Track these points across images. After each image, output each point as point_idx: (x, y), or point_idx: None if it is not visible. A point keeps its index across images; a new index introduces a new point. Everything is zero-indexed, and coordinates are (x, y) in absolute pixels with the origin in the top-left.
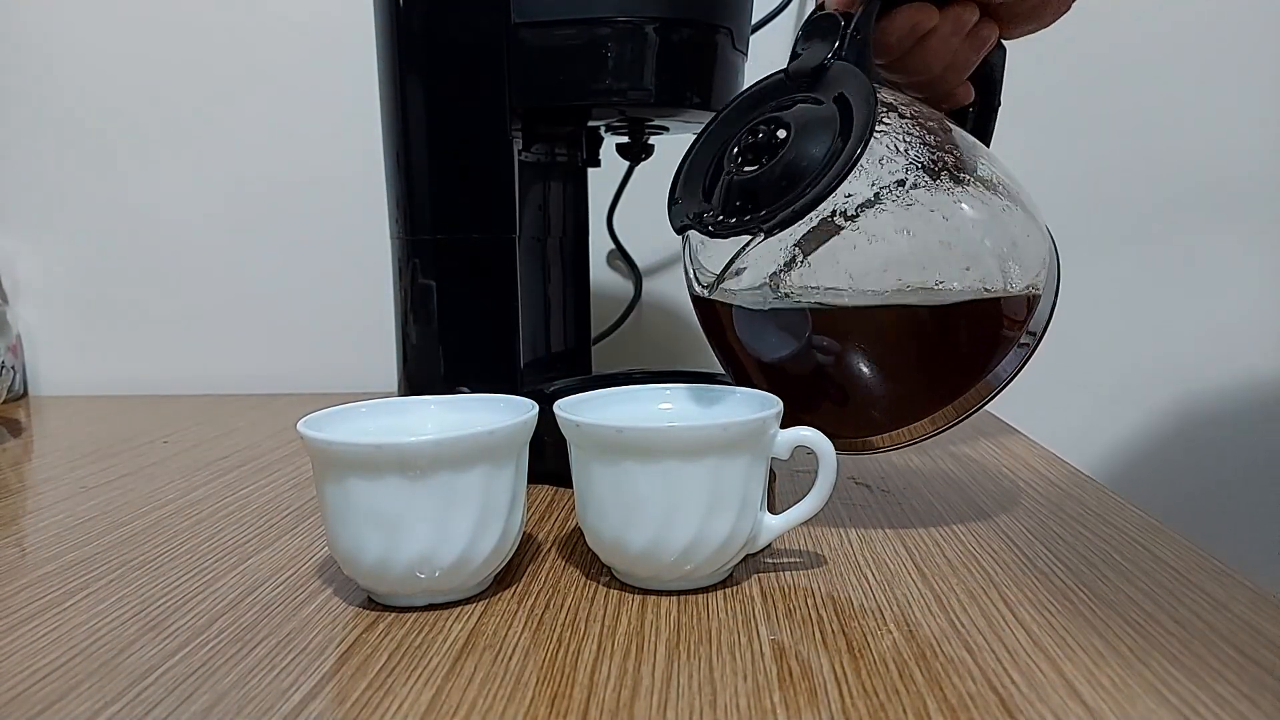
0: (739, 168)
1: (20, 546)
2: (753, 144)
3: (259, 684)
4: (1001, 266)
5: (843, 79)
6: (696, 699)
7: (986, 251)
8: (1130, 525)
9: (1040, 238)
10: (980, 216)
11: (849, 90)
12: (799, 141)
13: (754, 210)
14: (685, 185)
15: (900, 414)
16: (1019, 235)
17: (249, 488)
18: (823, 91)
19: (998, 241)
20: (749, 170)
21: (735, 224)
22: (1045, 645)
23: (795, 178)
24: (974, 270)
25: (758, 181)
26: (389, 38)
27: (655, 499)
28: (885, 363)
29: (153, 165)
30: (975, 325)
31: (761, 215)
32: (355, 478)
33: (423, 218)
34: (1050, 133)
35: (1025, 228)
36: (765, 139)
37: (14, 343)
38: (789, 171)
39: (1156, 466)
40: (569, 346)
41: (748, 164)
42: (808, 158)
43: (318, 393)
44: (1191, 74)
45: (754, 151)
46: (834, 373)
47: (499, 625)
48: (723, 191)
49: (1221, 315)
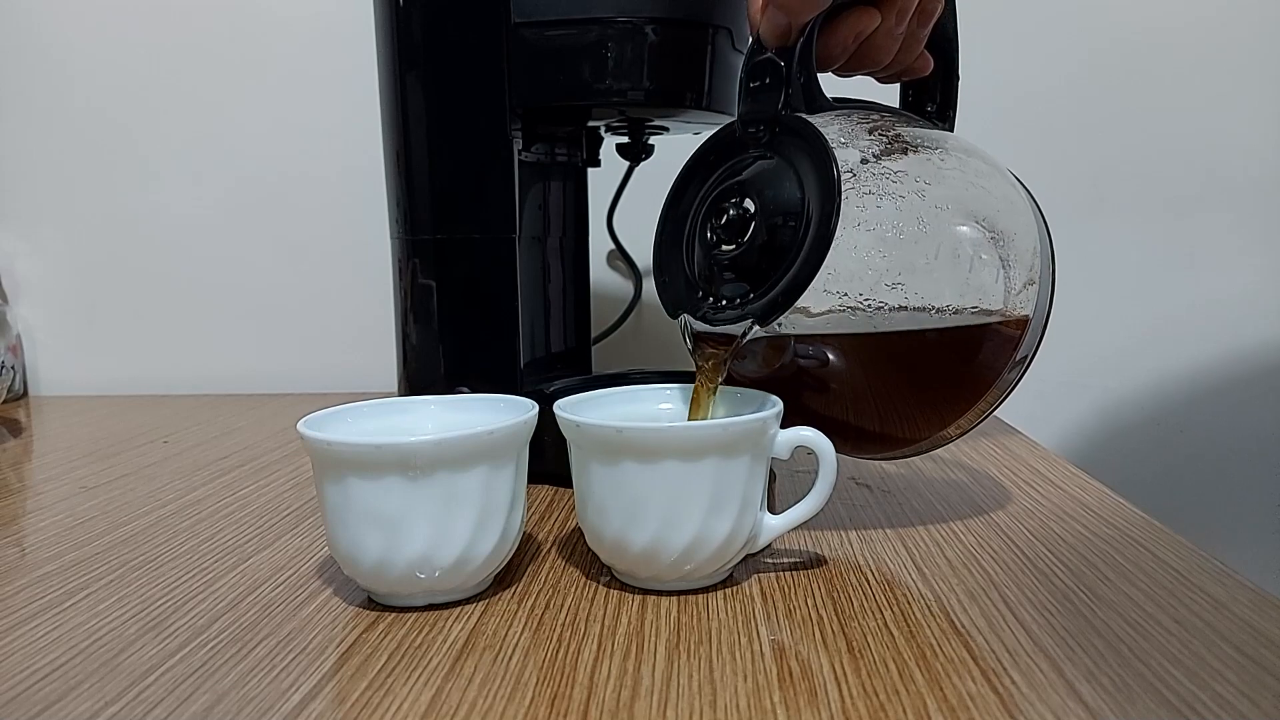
0: (717, 245)
1: (20, 546)
2: (725, 223)
3: (259, 684)
4: (995, 265)
5: (795, 135)
6: (696, 699)
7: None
8: (1130, 525)
9: (1028, 226)
10: (953, 193)
11: (805, 151)
12: (767, 215)
13: (741, 292)
14: (668, 256)
15: (912, 429)
16: (1006, 227)
17: (249, 488)
18: (779, 146)
19: (980, 225)
20: (728, 250)
21: (728, 313)
22: (1045, 645)
23: (774, 257)
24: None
25: (739, 263)
26: (389, 37)
27: (655, 499)
28: (887, 391)
29: (153, 165)
30: (970, 349)
31: (753, 307)
32: (355, 478)
33: (423, 217)
34: (1049, 130)
35: (1011, 222)
36: (737, 215)
37: (14, 343)
38: (766, 251)
39: (1156, 464)
40: (569, 346)
41: (724, 242)
42: (781, 232)
43: (318, 393)
44: (1191, 71)
45: (727, 230)
46: (821, 403)
47: (499, 625)
48: (705, 272)
49: (1223, 317)
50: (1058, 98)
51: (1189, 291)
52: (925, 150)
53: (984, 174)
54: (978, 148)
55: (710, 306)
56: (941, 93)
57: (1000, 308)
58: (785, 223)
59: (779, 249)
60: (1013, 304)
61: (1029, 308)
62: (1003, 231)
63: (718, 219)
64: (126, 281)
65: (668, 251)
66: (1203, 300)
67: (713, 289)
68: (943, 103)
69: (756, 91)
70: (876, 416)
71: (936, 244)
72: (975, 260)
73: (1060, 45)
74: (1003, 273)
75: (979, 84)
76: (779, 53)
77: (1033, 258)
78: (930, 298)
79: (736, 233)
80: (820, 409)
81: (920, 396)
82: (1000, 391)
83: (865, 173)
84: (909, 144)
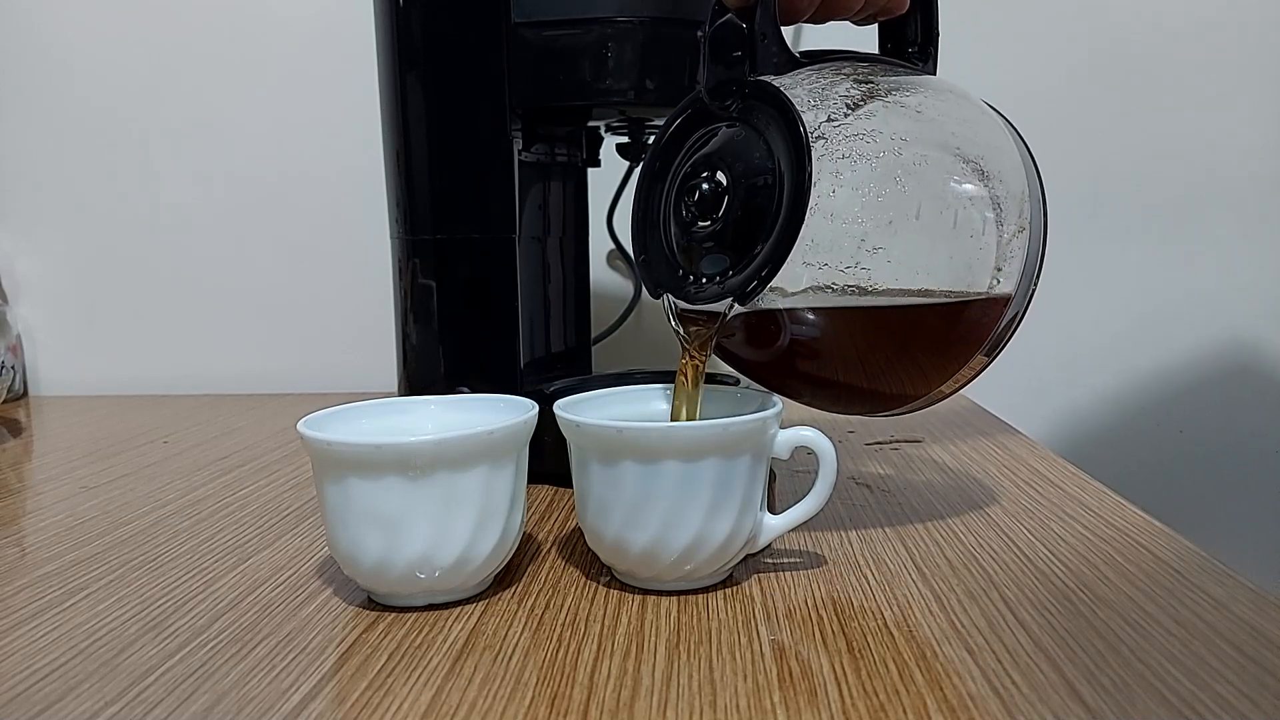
0: (693, 222)
1: (20, 546)
2: (699, 199)
3: (259, 684)
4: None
5: (762, 102)
6: (696, 699)
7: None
8: (1130, 525)
9: (1016, 168)
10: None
11: (774, 118)
12: (739, 188)
13: (721, 268)
14: (647, 234)
15: (908, 390)
16: (993, 170)
17: (249, 488)
18: (747, 114)
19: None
20: (705, 226)
21: (709, 291)
22: (1046, 645)
23: (751, 230)
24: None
25: (716, 238)
26: (389, 37)
27: (655, 499)
28: (878, 360)
29: (153, 165)
30: (956, 315)
31: (732, 284)
32: (355, 478)
33: (423, 217)
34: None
35: (998, 166)
36: (710, 190)
37: (14, 343)
38: (743, 225)
39: (1156, 465)
40: (569, 346)
41: (700, 218)
42: (755, 205)
43: (318, 393)
44: (1191, 71)
45: (701, 206)
46: (810, 368)
47: (499, 625)
48: (685, 249)
49: (1224, 315)
50: (1058, 97)
51: (1189, 291)
52: (901, 99)
53: (967, 119)
54: (960, 89)
55: (692, 284)
56: (921, 31)
57: (992, 262)
58: (759, 195)
59: (755, 222)
60: (1004, 253)
61: (1019, 258)
62: (990, 176)
63: (691, 195)
64: (126, 281)
65: (646, 230)
66: (1203, 300)
67: (694, 266)
68: (923, 41)
69: (719, 57)
70: (864, 380)
71: (917, 202)
72: (960, 214)
73: (1060, 45)
74: (993, 221)
75: (979, 83)
76: (740, 13)
77: (1022, 202)
78: (916, 258)
79: (711, 208)
80: (810, 374)
81: (909, 361)
82: (993, 347)
83: (836, 135)
84: (884, 96)
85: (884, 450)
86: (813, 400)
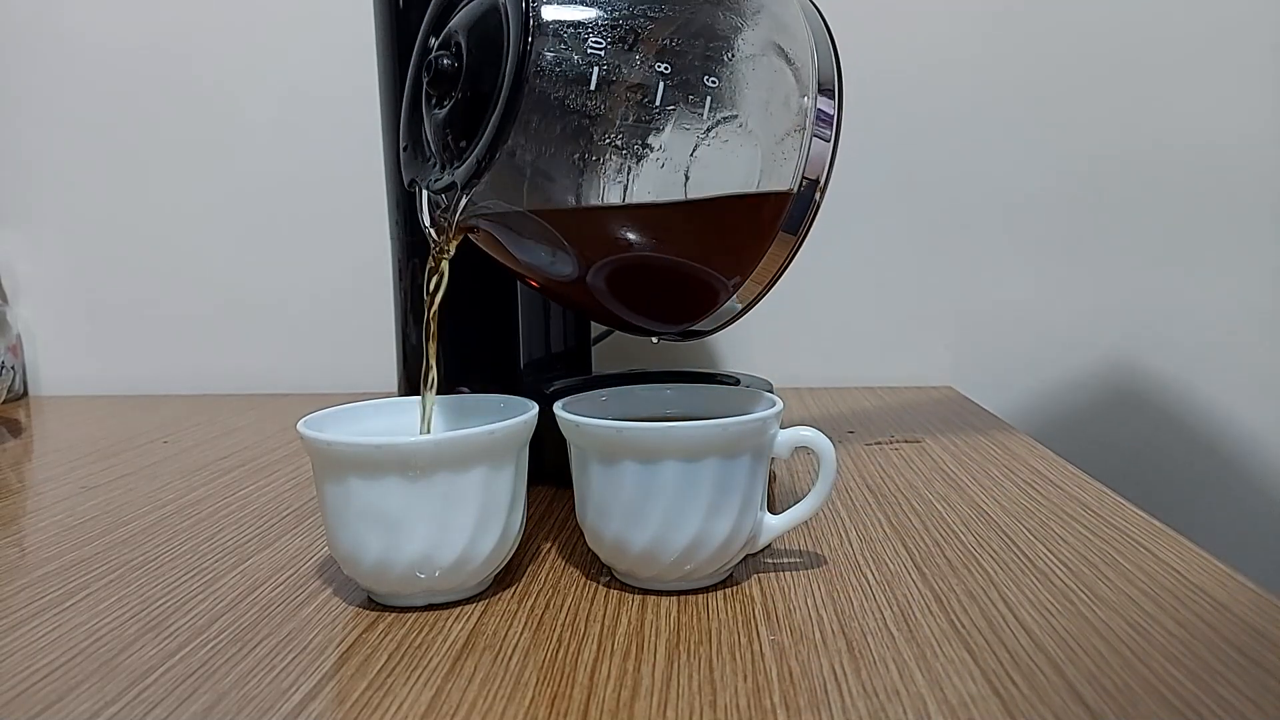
0: (435, 103)
1: (20, 546)
2: (434, 77)
3: (259, 684)
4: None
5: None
6: (696, 699)
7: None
8: (1131, 526)
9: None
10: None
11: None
12: (472, 64)
13: (458, 154)
14: (409, 125)
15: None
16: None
17: (249, 488)
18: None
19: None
20: (444, 105)
21: (443, 179)
22: (1046, 646)
23: (478, 112)
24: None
25: (451, 120)
26: (389, 37)
27: (655, 499)
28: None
29: (153, 165)
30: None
31: (460, 170)
32: (355, 478)
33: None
34: (1049, 129)
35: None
36: (447, 66)
37: (14, 343)
38: (471, 107)
39: (1155, 463)
40: (569, 346)
41: (441, 98)
42: (483, 85)
43: (318, 393)
44: (1191, 71)
45: (437, 84)
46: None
47: (499, 625)
48: (429, 134)
49: (1223, 317)
50: (1058, 96)
51: (1189, 291)
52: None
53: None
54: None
55: (435, 171)
56: None
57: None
58: (488, 69)
59: (481, 104)
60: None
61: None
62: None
63: (429, 72)
64: (126, 282)
65: (413, 115)
66: (1202, 300)
67: (445, 154)
68: None
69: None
70: (654, 285)
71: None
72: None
73: (1061, 44)
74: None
75: (979, 83)
76: None
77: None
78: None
79: (448, 86)
80: (602, 289)
81: (702, 262)
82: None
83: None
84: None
85: (884, 450)
86: (608, 318)
